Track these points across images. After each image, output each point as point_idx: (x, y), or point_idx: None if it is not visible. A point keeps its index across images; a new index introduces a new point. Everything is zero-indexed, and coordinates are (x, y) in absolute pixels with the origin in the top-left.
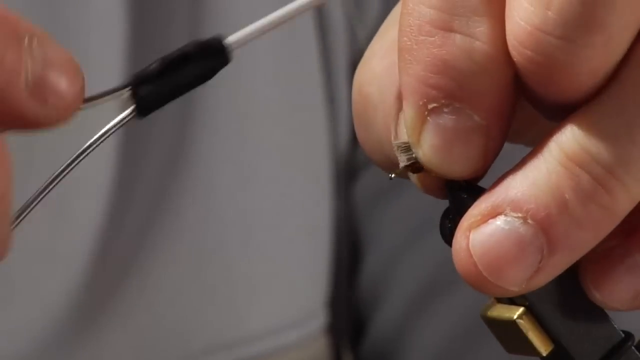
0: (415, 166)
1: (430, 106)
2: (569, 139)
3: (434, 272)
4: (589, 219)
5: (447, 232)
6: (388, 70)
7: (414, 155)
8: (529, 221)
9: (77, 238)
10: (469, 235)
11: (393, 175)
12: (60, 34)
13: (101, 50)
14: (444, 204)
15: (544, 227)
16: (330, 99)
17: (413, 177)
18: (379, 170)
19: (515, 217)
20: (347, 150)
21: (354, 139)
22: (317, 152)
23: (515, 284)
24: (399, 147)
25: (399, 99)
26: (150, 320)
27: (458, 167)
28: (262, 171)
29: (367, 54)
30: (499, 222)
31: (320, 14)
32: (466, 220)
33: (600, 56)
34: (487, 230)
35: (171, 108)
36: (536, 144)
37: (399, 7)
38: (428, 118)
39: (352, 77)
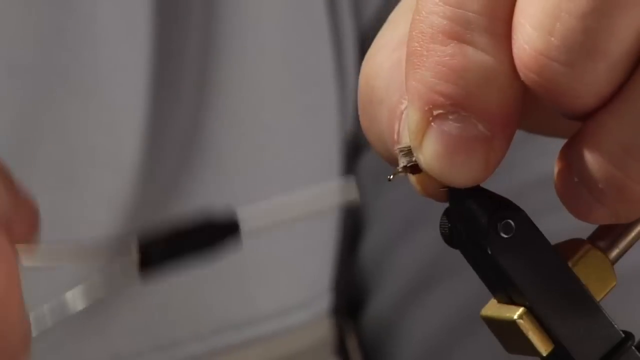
0: (414, 168)
1: (435, 112)
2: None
3: (433, 257)
4: None
5: (447, 232)
6: (396, 65)
7: (413, 159)
8: None
9: (95, 215)
10: None
11: (392, 177)
12: (71, 2)
13: (123, 55)
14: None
15: None
16: (341, 79)
17: (412, 179)
18: None
19: None
20: (352, 128)
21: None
22: (327, 132)
23: None
24: (400, 150)
25: (404, 97)
26: (159, 300)
27: (458, 175)
28: (272, 152)
29: (376, 44)
30: None
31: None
32: None
33: (603, 81)
34: None
35: (185, 94)
36: (535, 131)
37: None
38: (432, 124)
39: (359, 55)
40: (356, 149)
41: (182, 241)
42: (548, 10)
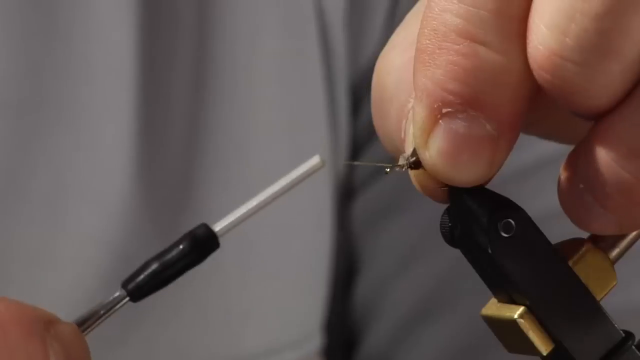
0: (414, 164)
1: (444, 110)
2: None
3: (425, 296)
4: None
5: (447, 231)
6: (408, 64)
7: (412, 159)
8: None
9: (81, 251)
10: None
11: (389, 170)
12: (64, 40)
13: (109, 54)
14: (438, 228)
15: None
16: (332, 121)
17: (412, 177)
18: (375, 192)
19: None
20: (345, 173)
21: (352, 160)
22: (319, 175)
23: None
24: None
25: (412, 96)
26: (146, 339)
27: (462, 174)
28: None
29: (390, 42)
30: None
31: (323, 40)
32: None
33: (617, 82)
34: None
35: (175, 136)
36: (548, 136)
37: None
38: (440, 121)
39: (351, 100)
40: (349, 191)
41: (168, 272)
42: (563, 10)
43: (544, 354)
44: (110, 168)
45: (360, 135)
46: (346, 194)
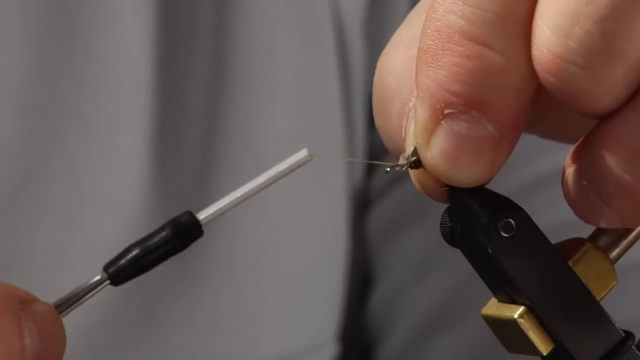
0: (414, 163)
1: (446, 111)
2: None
3: (440, 306)
4: None
5: (447, 231)
6: (409, 63)
7: (412, 158)
8: None
9: (94, 257)
10: None
11: (389, 169)
12: (82, 45)
13: (128, 60)
14: None
15: None
16: (349, 132)
17: (412, 176)
18: (391, 203)
19: None
20: (361, 183)
21: (368, 172)
22: (334, 185)
23: None
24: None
25: (413, 95)
26: (160, 345)
27: (463, 174)
28: (278, 202)
29: (393, 40)
30: None
31: (341, 50)
32: None
33: (620, 85)
34: None
35: (190, 145)
36: (549, 135)
37: None
38: (442, 122)
39: (369, 112)
40: (365, 202)
41: (150, 257)
42: (566, 13)
43: (544, 354)
44: (126, 174)
45: (378, 147)
46: (362, 204)
